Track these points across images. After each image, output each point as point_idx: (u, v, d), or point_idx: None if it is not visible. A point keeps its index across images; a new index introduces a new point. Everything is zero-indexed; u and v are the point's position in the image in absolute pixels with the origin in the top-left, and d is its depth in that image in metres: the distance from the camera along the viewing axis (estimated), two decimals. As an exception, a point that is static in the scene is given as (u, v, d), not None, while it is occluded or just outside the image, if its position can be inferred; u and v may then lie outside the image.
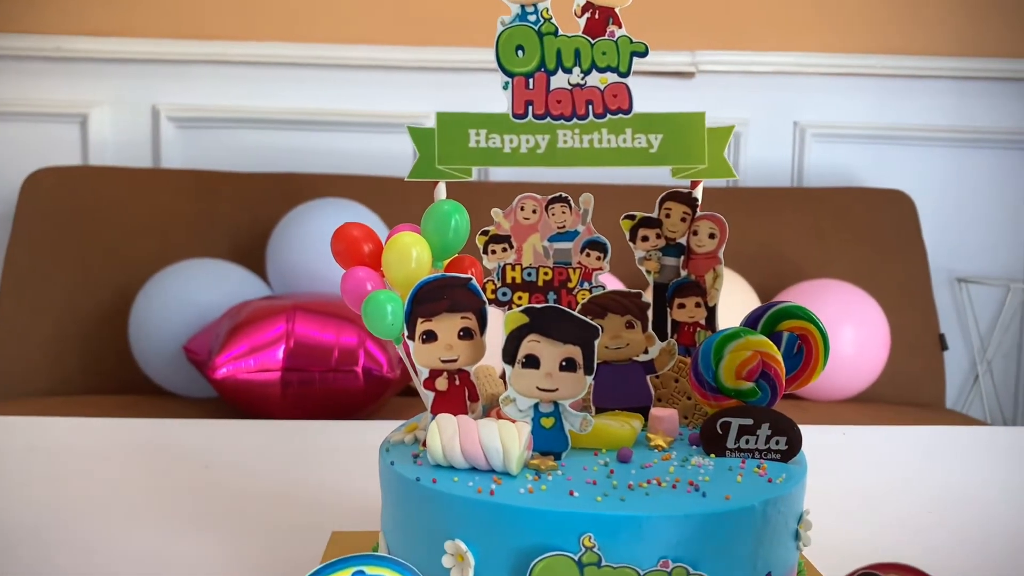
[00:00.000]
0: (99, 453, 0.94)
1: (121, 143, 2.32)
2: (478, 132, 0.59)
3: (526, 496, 0.43)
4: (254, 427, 1.05)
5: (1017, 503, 0.83)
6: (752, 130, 2.42)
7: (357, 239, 0.53)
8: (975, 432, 1.10)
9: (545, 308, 0.47)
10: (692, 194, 0.59)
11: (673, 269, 0.59)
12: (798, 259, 2.15)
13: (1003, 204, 2.49)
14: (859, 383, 1.96)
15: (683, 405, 0.55)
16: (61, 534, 0.72)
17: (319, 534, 0.69)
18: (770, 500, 0.44)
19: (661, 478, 0.45)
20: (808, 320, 0.53)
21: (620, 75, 0.59)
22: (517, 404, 0.47)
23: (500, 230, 0.59)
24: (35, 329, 1.96)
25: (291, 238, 1.88)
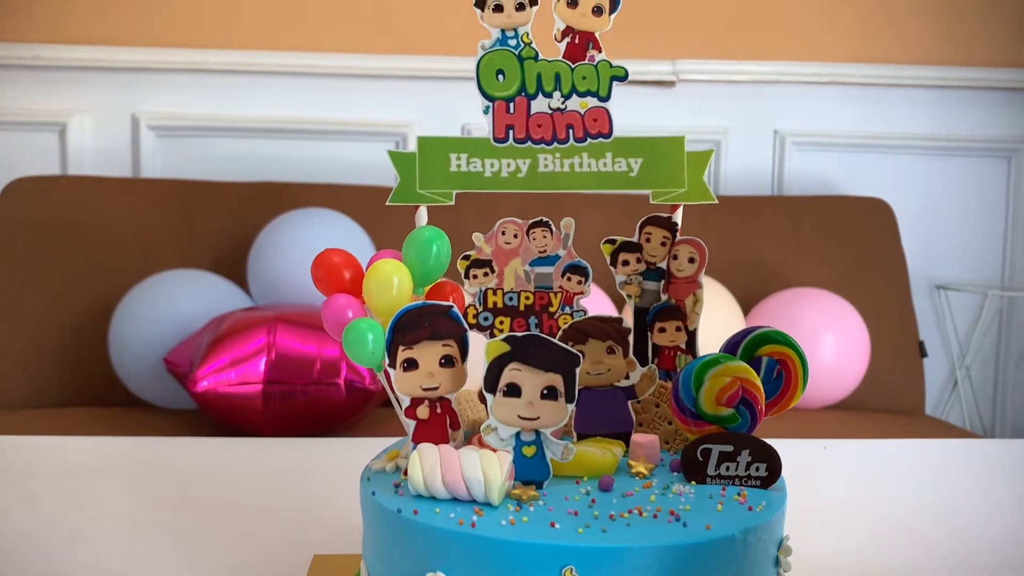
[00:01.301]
0: (78, 471, 0.92)
1: (100, 151, 2.31)
2: (459, 156, 0.59)
3: (508, 528, 0.43)
4: (234, 444, 1.05)
5: (993, 517, 0.84)
6: (732, 139, 2.44)
7: (337, 265, 0.53)
8: (953, 445, 1.11)
9: (526, 336, 0.47)
10: (672, 218, 0.59)
11: (653, 293, 0.59)
12: (778, 267, 2.17)
13: (982, 212, 2.52)
14: (840, 391, 1.97)
15: (664, 430, 0.56)
16: (38, 553, 0.71)
17: (300, 557, 0.68)
18: (750, 529, 0.44)
19: (642, 508, 0.45)
20: (787, 345, 0.54)
21: (600, 99, 0.60)
22: (499, 433, 0.48)
23: (481, 255, 0.59)
24: (13, 339, 1.94)
25: (273, 249, 1.87)
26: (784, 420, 1.74)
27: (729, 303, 1.94)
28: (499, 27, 0.59)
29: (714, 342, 1.60)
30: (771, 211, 2.26)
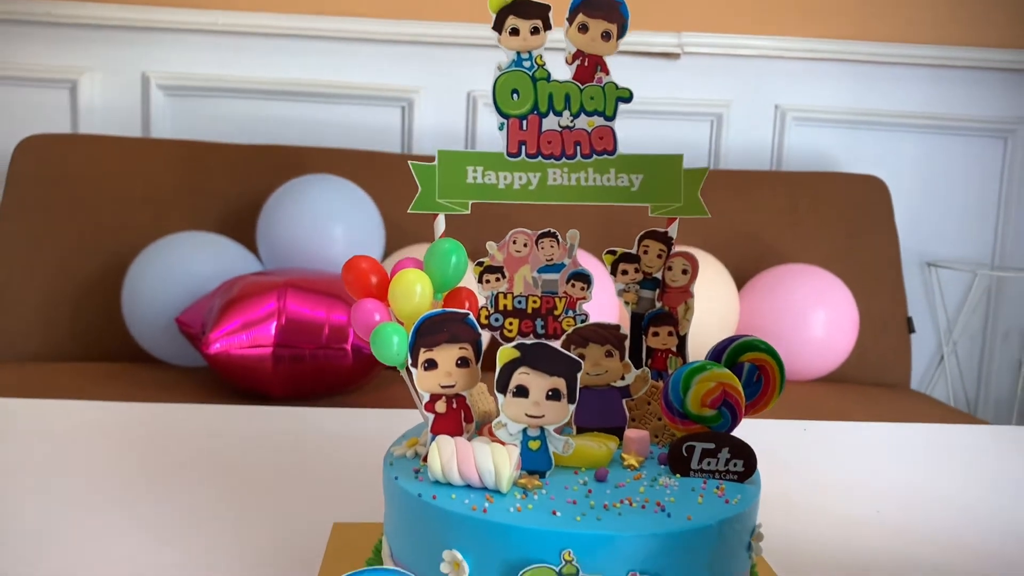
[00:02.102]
0: (96, 435, 0.97)
1: (110, 110, 2.34)
2: (475, 169, 0.64)
3: (515, 514, 0.49)
4: (251, 413, 1.10)
5: (964, 502, 0.90)
6: (734, 112, 2.47)
7: (365, 271, 0.59)
8: (932, 430, 1.17)
9: (534, 344, 0.53)
10: (668, 232, 0.65)
11: (649, 301, 0.65)
12: (773, 242, 2.22)
13: (975, 191, 2.57)
14: (828, 364, 2.04)
15: (654, 425, 0.62)
16: (62, 517, 0.76)
17: (321, 525, 0.75)
18: (726, 520, 0.51)
19: (632, 498, 0.52)
20: (767, 352, 0.60)
21: (606, 119, 0.65)
22: (508, 428, 0.54)
23: (494, 261, 0.65)
24: (27, 295, 1.99)
25: (282, 214, 1.92)
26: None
27: (723, 277, 2.00)
28: (515, 49, 0.64)
29: (707, 315, 1.66)
30: (769, 186, 2.30)
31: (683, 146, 2.45)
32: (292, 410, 1.11)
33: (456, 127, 2.40)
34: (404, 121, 2.38)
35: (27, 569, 0.67)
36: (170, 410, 1.10)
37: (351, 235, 1.92)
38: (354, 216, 1.95)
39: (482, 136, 2.39)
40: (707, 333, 2.00)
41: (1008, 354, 2.63)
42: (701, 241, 2.06)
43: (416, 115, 2.37)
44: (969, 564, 0.75)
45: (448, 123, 2.40)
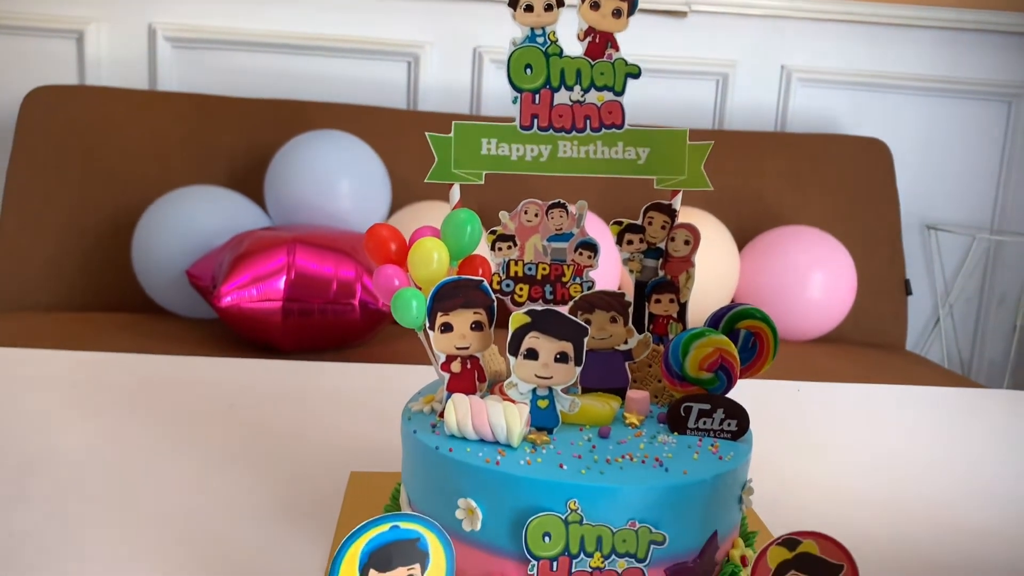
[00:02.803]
0: (115, 388, 1.00)
1: (117, 61, 2.35)
2: (489, 141, 0.67)
3: (524, 467, 0.54)
4: (266, 366, 1.14)
5: (952, 463, 0.94)
6: (740, 72, 2.47)
7: (386, 239, 0.62)
8: (923, 392, 1.22)
9: (544, 311, 0.57)
10: (672, 204, 0.68)
11: (652, 270, 0.68)
12: (775, 203, 2.25)
13: (977, 155, 2.58)
14: (825, 325, 2.08)
15: (655, 387, 0.66)
16: (80, 465, 0.80)
17: (338, 473, 0.79)
18: (719, 475, 0.55)
19: (633, 454, 0.56)
20: (762, 320, 0.64)
21: (615, 94, 0.67)
22: (518, 388, 0.58)
23: (506, 230, 0.69)
24: (37, 245, 2.03)
25: (289, 169, 1.95)
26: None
27: (725, 238, 2.03)
28: (529, 25, 0.66)
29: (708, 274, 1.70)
30: (772, 148, 2.32)
31: (688, 106, 2.46)
32: (303, 364, 1.15)
33: (462, 83, 2.41)
34: (410, 76, 2.39)
35: (42, 514, 0.71)
36: (185, 362, 1.14)
37: (357, 191, 1.95)
38: (360, 172, 1.98)
39: (487, 93, 2.40)
40: (708, 292, 2.05)
41: (1003, 318, 2.67)
42: (704, 202, 2.09)
43: (422, 71, 2.37)
44: (953, 521, 0.80)
45: (454, 79, 2.40)
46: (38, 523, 0.69)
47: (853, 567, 0.51)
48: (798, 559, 0.51)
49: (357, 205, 1.94)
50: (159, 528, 0.69)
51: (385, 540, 0.49)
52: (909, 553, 0.72)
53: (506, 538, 0.53)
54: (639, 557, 0.53)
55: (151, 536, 0.68)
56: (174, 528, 0.69)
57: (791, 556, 0.51)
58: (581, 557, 0.52)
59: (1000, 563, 0.72)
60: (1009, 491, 0.88)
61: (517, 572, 0.53)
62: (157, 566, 0.63)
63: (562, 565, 0.52)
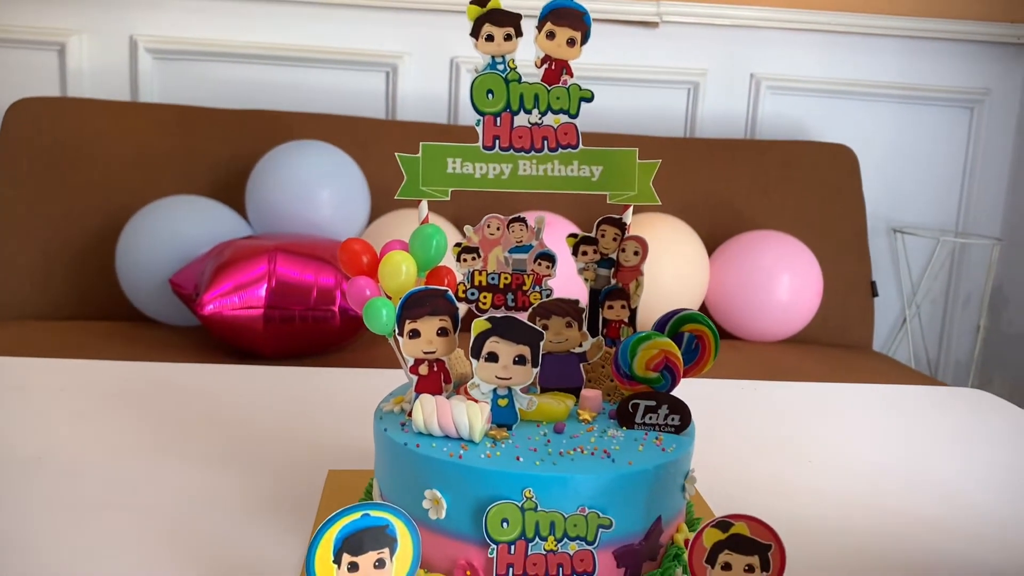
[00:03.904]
0: (94, 394, 1.04)
1: (99, 73, 2.38)
2: (454, 160, 0.73)
3: (485, 460, 0.59)
4: (246, 372, 1.19)
5: (909, 461, 0.99)
6: (711, 80, 2.54)
7: (358, 252, 0.68)
8: (887, 390, 1.27)
9: (504, 318, 0.62)
10: (623, 219, 0.74)
11: (605, 278, 0.74)
12: (744, 209, 2.31)
13: (941, 160, 2.66)
14: (792, 326, 2.15)
15: (607, 386, 0.72)
16: (65, 469, 0.83)
17: (317, 472, 0.84)
18: (661, 464, 0.61)
19: (584, 447, 0.62)
20: (704, 324, 0.70)
21: (570, 116, 0.73)
22: (480, 388, 0.63)
23: (471, 243, 0.74)
24: (23, 255, 2.05)
25: (270, 179, 1.99)
26: (738, 351, 1.91)
27: (695, 243, 2.09)
28: (490, 54, 0.72)
29: (678, 279, 1.75)
30: (743, 154, 2.38)
31: (660, 114, 2.52)
32: (285, 369, 1.20)
33: (439, 93, 2.46)
34: (388, 86, 2.44)
35: (36, 515, 0.75)
36: (168, 368, 1.18)
37: (337, 200, 2.00)
38: (340, 181, 2.02)
39: (465, 102, 2.45)
40: (679, 295, 2.09)
41: (968, 318, 2.75)
42: (675, 208, 2.15)
43: (400, 81, 2.42)
44: (899, 511, 0.86)
45: (432, 89, 2.46)
46: (28, 526, 0.72)
47: (780, 546, 0.57)
48: (731, 540, 0.57)
49: (337, 214, 1.99)
50: (147, 526, 0.73)
51: (357, 527, 0.54)
52: (845, 536, 0.78)
53: (468, 525, 0.59)
54: (589, 540, 0.58)
55: (139, 534, 0.72)
56: (161, 525, 0.73)
57: (724, 537, 0.57)
58: (536, 541, 0.58)
59: (950, 557, 0.76)
60: (962, 486, 0.93)
61: (479, 556, 0.59)
62: (146, 562, 0.68)
63: (519, 548, 0.58)
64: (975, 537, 0.80)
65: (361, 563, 0.54)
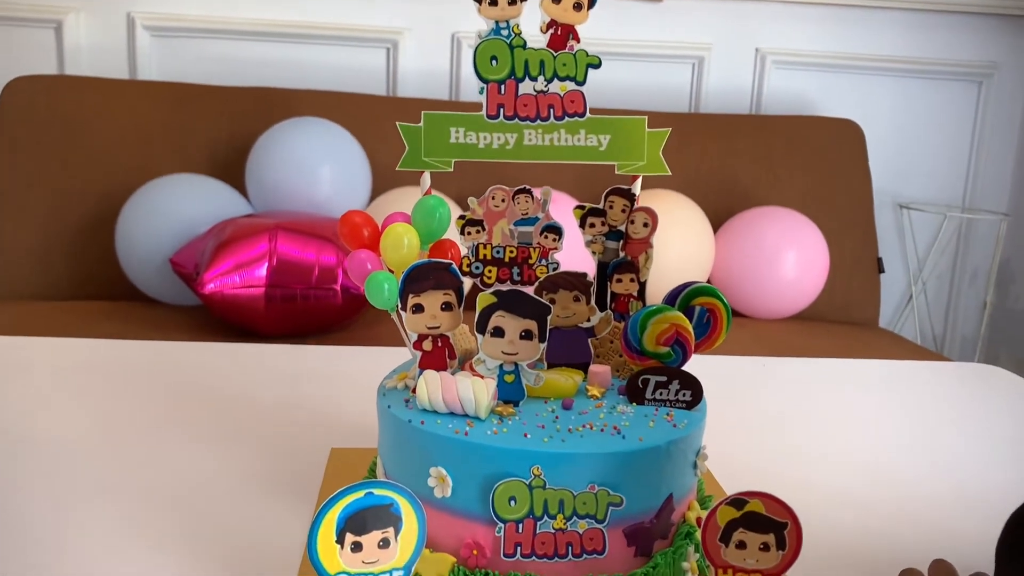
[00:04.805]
0: (103, 373, 1.03)
1: (96, 50, 2.35)
2: (457, 129, 0.70)
3: (491, 436, 0.57)
4: (248, 350, 1.17)
5: (917, 436, 0.98)
6: (716, 56, 2.50)
7: (359, 224, 0.66)
8: (894, 366, 1.26)
9: (510, 291, 0.60)
10: (631, 189, 0.71)
11: (613, 251, 0.72)
12: (749, 185, 2.28)
13: (949, 135, 2.63)
14: (798, 303, 2.13)
15: (616, 362, 0.70)
16: (68, 449, 0.82)
17: (319, 450, 0.83)
18: (673, 441, 0.59)
19: (593, 423, 0.60)
20: (716, 297, 0.68)
21: (577, 83, 0.71)
22: (486, 364, 0.62)
23: (475, 215, 0.72)
24: (21, 235, 2.04)
25: (270, 157, 1.97)
26: (744, 329, 1.90)
27: (700, 219, 2.07)
28: (494, 19, 0.69)
29: (683, 256, 1.74)
30: (748, 130, 2.36)
31: (664, 90, 2.49)
32: (286, 347, 1.18)
33: (441, 69, 2.43)
34: (389, 63, 2.41)
35: (37, 495, 0.74)
36: (169, 347, 1.17)
37: (338, 177, 1.98)
38: (341, 158, 2.00)
39: (467, 79, 2.42)
40: (684, 272, 2.08)
41: (974, 294, 2.73)
42: (680, 184, 2.12)
43: (401, 57, 2.39)
44: (912, 488, 0.84)
45: (433, 65, 2.42)
46: (28, 505, 0.71)
47: (797, 524, 0.55)
48: (745, 517, 0.55)
49: (338, 191, 1.96)
50: (147, 506, 0.72)
51: (360, 506, 0.52)
52: (859, 513, 0.77)
53: (475, 503, 0.57)
54: (599, 518, 0.57)
55: (141, 512, 0.71)
56: (161, 506, 0.72)
57: (739, 515, 0.55)
58: (545, 519, 0.56)
59: (958, 532, 0.75)
60: (975, 460, 0.92)
61: (486, 534, 0.57)
62: (148, 540, 0.67)
63: (527, 527, 0.56)
64: (989, 512, 0.79)
65: (365, 543, 0.52)
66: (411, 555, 0.54)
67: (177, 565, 0.63)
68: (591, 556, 0.57)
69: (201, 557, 0.64)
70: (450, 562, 0.58)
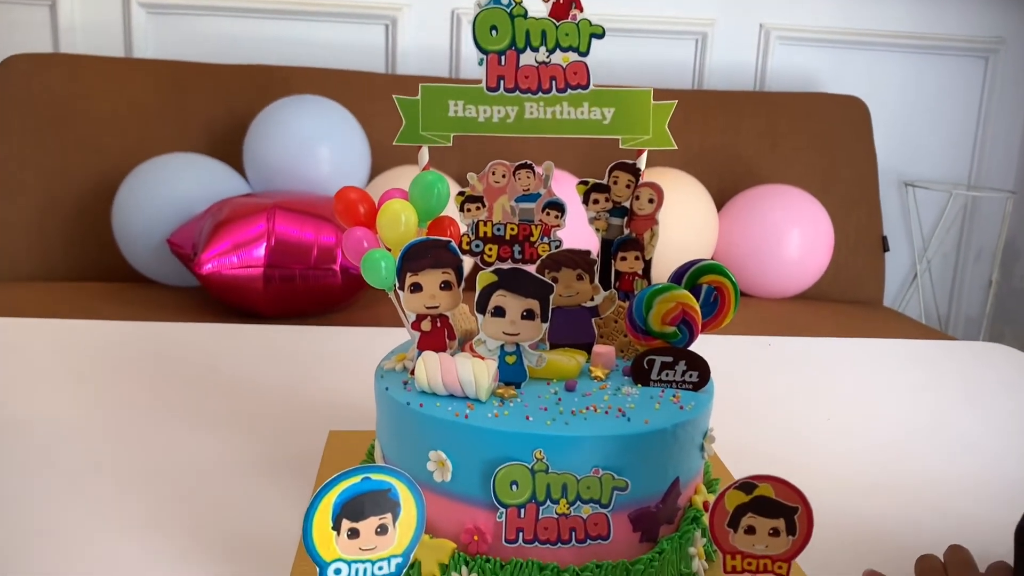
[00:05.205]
0: (101, 354, 1.02)
1: (91, 28, 2.32)
2: (456, 102, 0.68)
3: (492, 419, 0.56)
4: (247, 330, 1.16)
5: (923, 415, 0.97)
6: (719, 31, 2.47)
7: (354, 201, 0.63)
8: (899, 345, 1.24)
9: (511, 269, 0.58)
10: (636, 164, 0.69)
11: (618, 228, 0.70)
12: (754, 163, 2.26)
13: (954, 111, 2.59)
14: (803, 283, 2.11)
15: (620, 342, 0.68)
16: (67, 430, 0.81)
17: (317, 433, 0.81)
18: (680, 423, 0.57)
19: (597, 405, 0.58)
20: (723, 275, 0.66)
21: (580, 54, 0.68)
22: (487, 345, 0.60)
23: (474, 191, 0.70)
24: (16, 214, 2.02)
25: (267, 135, 1.94)
26: (748, 309, 1.89)
27: (704, 197, 2.05)
28: (494, -13, 0.67)
29: (686, 235, 1.72)
30: (751, 107, 2.32)
31: (668, 66, 2.46)
32: (286, 328, 1.16)
33: (440, 46, 2.39)
34: (388, 40, 2.38)
35: (34, 476, 0.72)
36: (168, 328, 1.15)
37: (337, 156, 1.95)
38: (339, 137, 1.97)
39: (467, 56, 2.39)
40: (687, 251, 2.06)
41: (979, 273, 2.71)
42: (683, 162, 2.10)
43: (400, 34, 2.36)
44: (916, 467, 0.83)
45: (432, 42, 2.39)
46: (25, 486, 0.70)
47: (808, 509, 0.54)
48: (755, 502, 0.54)
49: (336, 170, 1.94)
50: (145, 486, 0.71)
51: (357, 491, 0.51)
52: (871, 497, 0.75)
53: (476, 487, 0.55)
54: (603, 503, 0.55)
55: (138, 493, 0.70)
56: (156, 489, 0.71)
57: (748, 499, 0.54)
58: (548, 504, 0.55)
59: (973, 514, 0.74)
60: (988, 441, 0.90)
61: (487, 519, 0.56)
62: (144, 521, 0.65)
63: (529, 512, 0.55)
64: (1004, 494, 0.77)
65: (362, 529, 0.51)
66: (410, 541, 0.52)
67: (172, 548, 0.62)
68: (595, 542, 0.55)
69: (198, 540, 0.63)
70: (450, 548, 0.56)
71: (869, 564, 0.60)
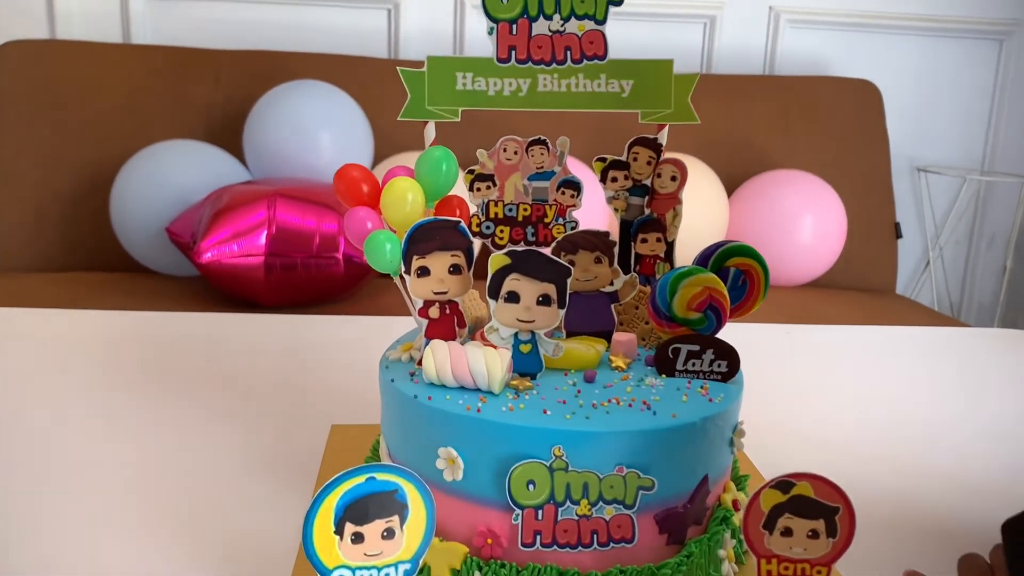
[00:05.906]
0: (100, 345, 0.99)
1: (89, 13, 2.28)
2: (464, 75, 0.64)
3: (507, 413, 0.51)
4: (248, 320, 1.12)
5: (942, 404, 0.94)
6: (728, 14, 2.42)
7: (357, 180, 0.59)
8: (913, 332, 1.20)
9: (525, 251, 0.54)
10: (657, 139, 0.65)
11: (638, 207, 0.66)
12: (765, 148, 2.21)
13: (968, 95, 2.54)
14: (816, 269, 2.07)
15: (642, 329, 0.64)
16: (65, 422, 0.78)
17: (320, 427, 0.77)
18: (709, 417, 0.53)
19: (620, 397, 0.54)
20: (752, 257, 0.61)
21: (597, 23, 0.64)
22: (500, 333, 0.55)
23: (484, 169, 0.65)
24: (13, 204, 1.98)
25: (268, 122, 1.90)
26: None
27: (714, 183, 2.00)
28: (504, -49, 0.63)
29: (696, 221, 1.67)
30: (761, 91, 2.28)
31: (675, 50, 2.41)
32: (287, 317, 1.13)
33: (444, 30, 2.35)
34: (390, 24, 2.33)
35: (32, 472, 0.69)
36: (167, 318, 1.12)
37: (339, 143, 1.91)
38: (341, 123, 1.93)
39: (471, 40, 2.34)
40: (698, 238, 2.02)
41: (993, 259, 2.66)
42: (692, 147, 2.05)
43: (403, 18, 2.31)
44: (944, 458, 0.79)
45: (436, 26, 2.34)
46: (21, 478, 0.67)
47: (850, 509, 0.50)
48: (792, 502, 0.50)
49: (338, 157, 1.89)
50: (143, 480, 0.68)
51: (361, 492, 0.47)
52: (905, 493, 0.71)
53: (489, 487, 0.51)
54: (627, 503, 0.51)
55: (135, 488, 0.66)
56: (157, 480, 0.68)
57: (785, 499, 0.50)
58: (567, 505, 0.50)
59: (988, 493, 0.71)
60: (1000, 424, 0.87)
61: (501, 522, 0.51)
62: (140, 516, 0.62)
63: (547, 513, 0.51)
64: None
65: (367, 533, 0.47)
66: (419, 546, 0.48)
67: (167, 551, 0.58)
68: (619, 545, 0.51)
69: (195, 543, 0.59)
70: (462, 553, 0.52)
71: (907, 562, 0.56)
